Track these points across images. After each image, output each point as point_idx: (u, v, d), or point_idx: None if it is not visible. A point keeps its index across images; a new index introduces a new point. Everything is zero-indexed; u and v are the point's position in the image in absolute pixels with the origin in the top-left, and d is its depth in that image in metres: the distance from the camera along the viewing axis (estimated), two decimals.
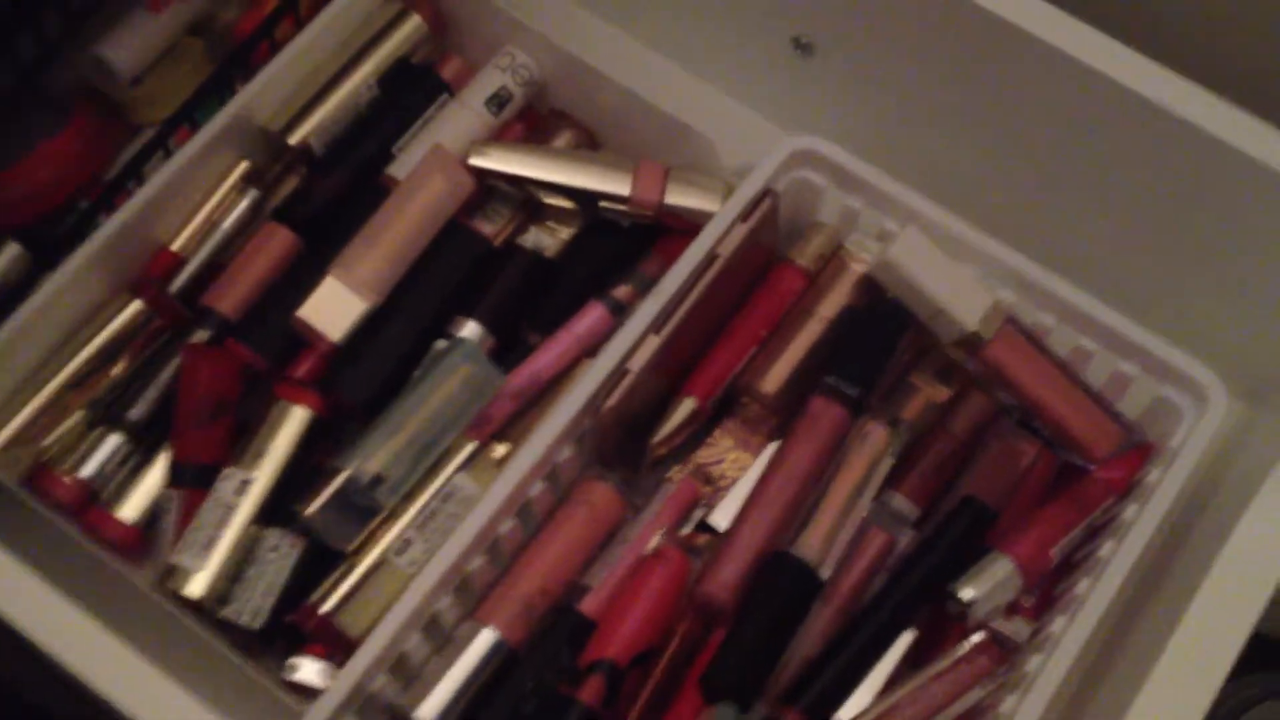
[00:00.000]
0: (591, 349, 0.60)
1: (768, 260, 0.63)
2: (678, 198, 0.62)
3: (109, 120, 0.65)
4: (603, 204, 0.63)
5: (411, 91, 0.66)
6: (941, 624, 0.55)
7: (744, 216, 0.59)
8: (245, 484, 0.56)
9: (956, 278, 0.58)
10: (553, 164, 0.63)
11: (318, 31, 0.64)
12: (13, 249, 0.62)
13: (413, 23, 0.66)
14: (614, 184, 0.63)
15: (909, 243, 0.58)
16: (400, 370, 0.60)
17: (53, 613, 0.48)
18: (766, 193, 0.60)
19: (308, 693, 0.54)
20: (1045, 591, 0.57)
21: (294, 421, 0.58)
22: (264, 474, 0.57)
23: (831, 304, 0.61)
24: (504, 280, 0.62)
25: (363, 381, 0.59)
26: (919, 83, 0.64)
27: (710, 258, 0.58)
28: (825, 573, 0.55)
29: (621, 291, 0.62)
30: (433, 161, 0.62)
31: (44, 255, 0.62)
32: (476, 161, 0.62)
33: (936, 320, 0.59)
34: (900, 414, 0.60)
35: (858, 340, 0.60)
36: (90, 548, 0.57)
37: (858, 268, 0.62)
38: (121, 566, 0.57)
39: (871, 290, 0.61)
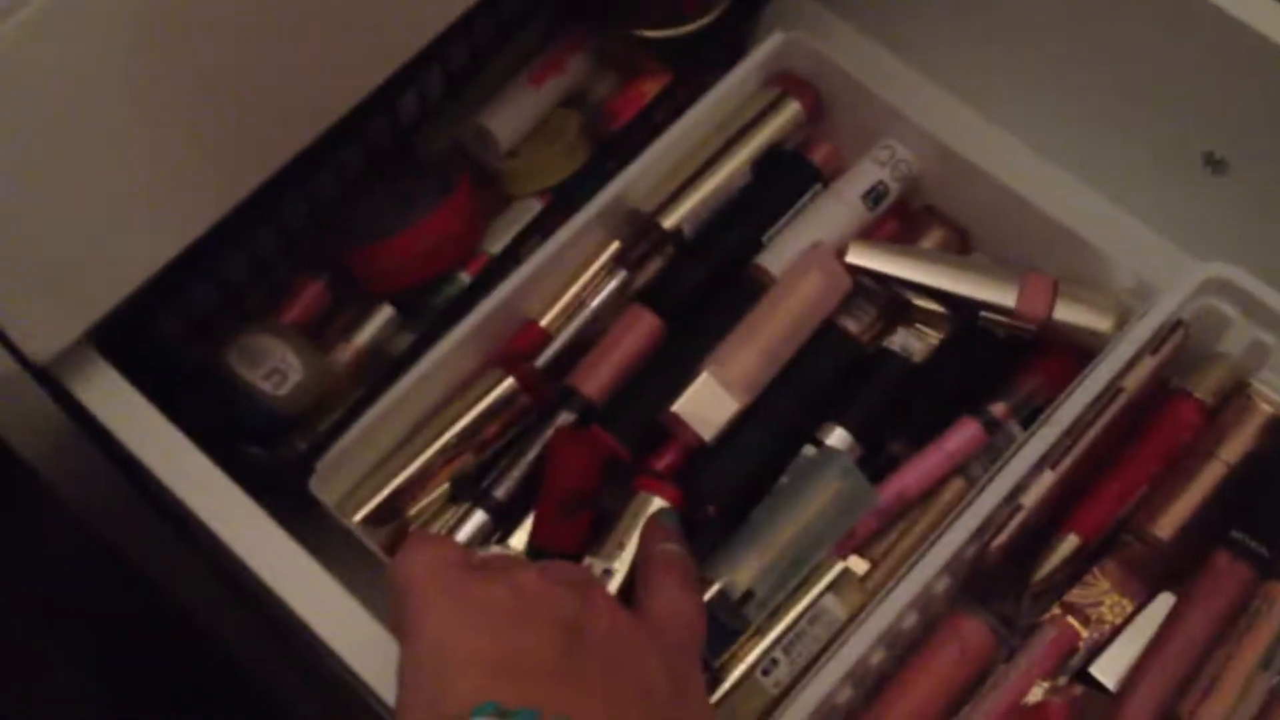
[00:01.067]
0: (961, 467, 0.57)
1: (1163, 389, 0.58)
2: (1066, 314, 0.59)
3: (483, 191, 0.66)
4: (984, 313, 0.60)
5: (785, 179, 0.64)
6: None
7: (1153, 349, 0.55)
8: (607, 574, 0.55)
9: None
10: (935, 268, 0.60)
11: (697, 117, 0.63)
12: (386, 312, 0.63)
13: (791, 109, 0.65)
14: (998, 293, 0.59)
15: None
16: (762, 472, 0.58)
17: None
18: (1178, 324, 0.56)
19: None
20: None
21: None
22: (624, 565, 0.56)
23: (1235, 447, 0.56)
24: (875, 386, 0.60)
25: (725, 482, 0.57)
26: None
27: (1113, 390, 0.54)
28: None
29: (998, 409, 0.58)
30: (812, 259, 0.60)
31: (415, 320, 0.64)
32: (856, 259, 0.60)
33: None
34: None
35: (1266, 492, 0.55)
36: None
37: (1267, 409, 0.56)
38: None
39: (1279, 434, 0.56)
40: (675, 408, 0.57)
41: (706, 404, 0.57)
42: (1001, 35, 0.67)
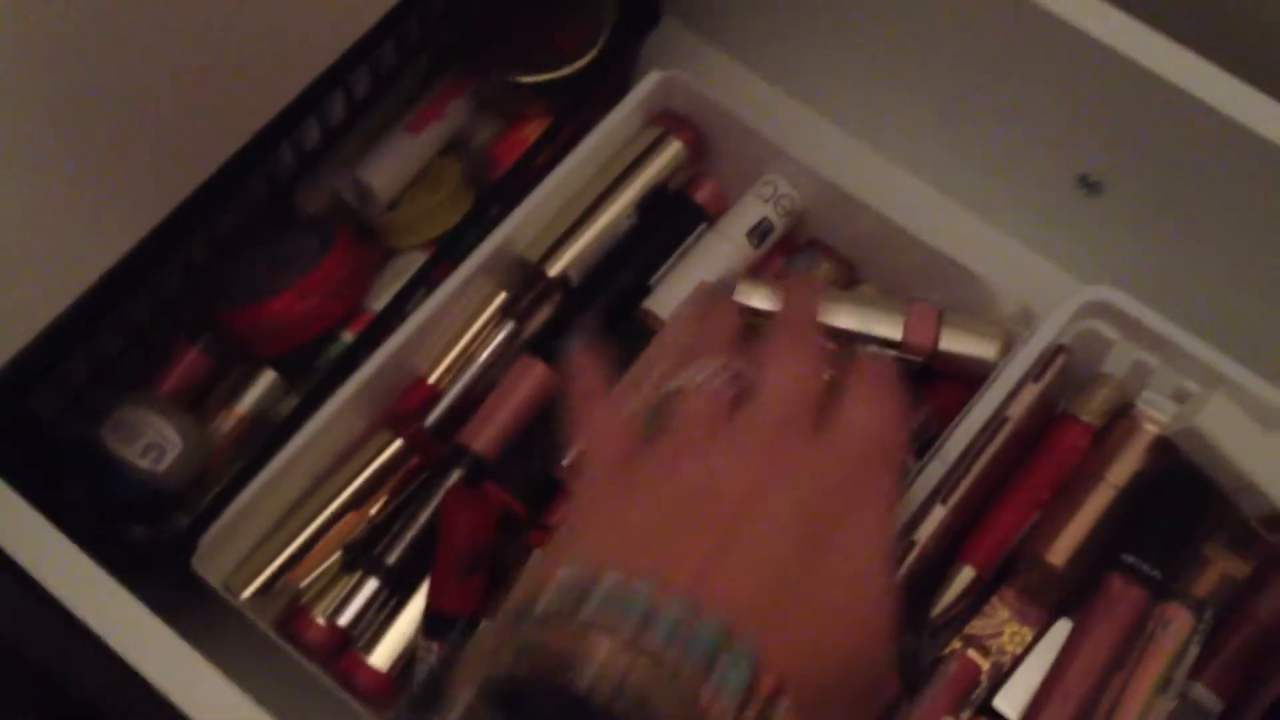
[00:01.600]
0: None
1: (1049, 413, 0.59)
2: (953, 343, 0.59)
3: (364, 245, 0.65)
4: (871, 347, 0.60)
5: (670, 221, 0.64)
6: None
7: (1035, 376, 0.55)
8: None
9: (1268, 449, 0.53)
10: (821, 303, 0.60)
11: (579, 160, 0.63)
12: (268, 376, 0.62)
13: (673, 148, 0.64)
14: (885, 326, 0.59)
15: (1217, 409, 0.54)
16: None
17: None
18: (1059, 349, 0.56)
19: None
20: None
21: None
22: None
23: (1122, 469, 0.56)
24: None
25: None
26: (1220, 227, 0.60)
27: (999, 419, 0.55)
28: None
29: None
30: (697, 301, 0.59)
31: (299, 383, 0.62)
32: (743, 299, 0.60)
33: (1242, 494, 0.54)
34: (1193, 590, 0.55)
35: (1155, 513, 0.55)
36: (337, 693, 0.56)
37: (1151, 429, 0.57)
38: (367, 714, 0.56)
39: (1165, 454, 0.56)
40: (567, 462, 0.56)
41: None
42: (880, 65, 0.68)
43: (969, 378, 0.59)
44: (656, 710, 0.33)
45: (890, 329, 0.59)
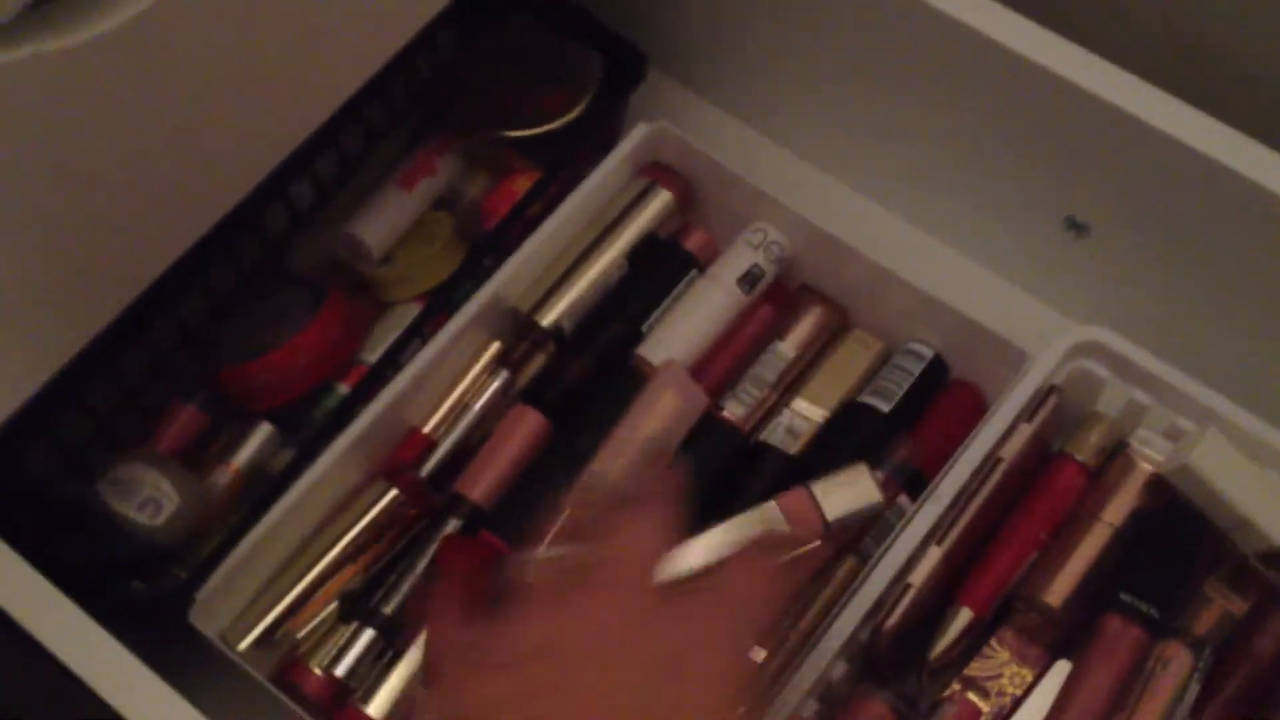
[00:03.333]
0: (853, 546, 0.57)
1: (1044, 453, 0.59)
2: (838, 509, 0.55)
3: (358, 300, 0.65)
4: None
5: (660, 268, 0.65)
6: None
7: (1028, 416, 0.56)
8: None
9: (1263, 486, 0.54)
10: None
11: (569, 211, 0.63)
12: (264, 429, 0.62)
13: (662, 199, 0.65)
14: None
15: (1210, 447, 0.54)
16: None
17: None
18: (1051, 389, 0.56)
19: None
20: None
21: None
22: None
23: (1118, 508, 0.57)
24: (754, 484, 0.59)
25: None
26: (1207, 267, 0.60)
27: (992, 460, 0.55)
28: None
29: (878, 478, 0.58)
30: (667, 378, 0.60)
31: (295, 435, 0.62)
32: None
33: (1239, 531, 0.54)
34: (1192, 628, 0.55)
35: (1152, 552, 0.55)
36: None
37: (1146, 467, 0.57)
38: None
39: (1161, 492, 0.56)
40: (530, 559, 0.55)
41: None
42: (867, 111, 0.69)
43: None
44: None
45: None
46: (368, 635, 0.56)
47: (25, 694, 0.62)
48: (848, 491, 0.52)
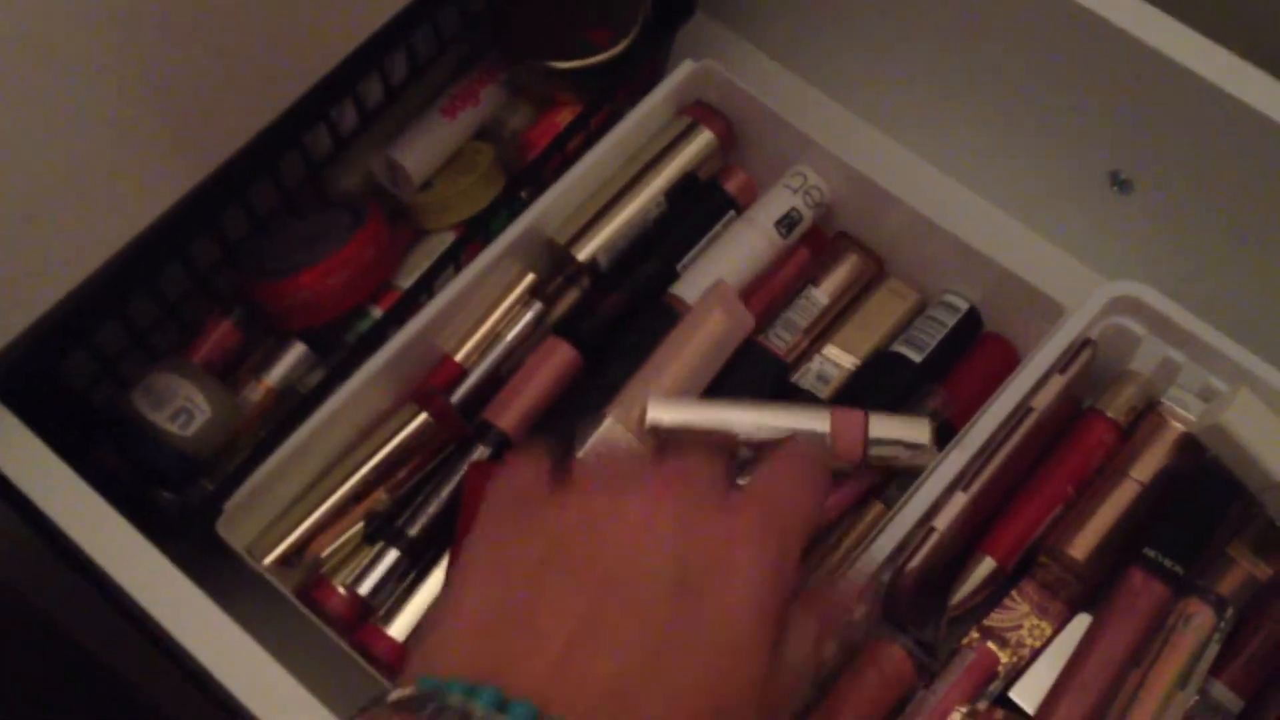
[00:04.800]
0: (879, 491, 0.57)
1: (1075, 409, 0.59)
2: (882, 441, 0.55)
3: (396, 225, 0.65)
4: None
5: (699, 208, 0.64)
6: None
7: (1061, 368, 0.55)
8: None
9: None
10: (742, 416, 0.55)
11: (610, 146, 0.63)
12: (298, 348, 0.62)
13: (704, 138, 0.65)
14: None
15: (1243, 407, 0.53)
16: None
17: None
18: (1086, 343, 0.56)
19: None
20: None
21: None
22: None
23: (1147, 465, 0.56)
24: None
25: None
26: (1250, 225, 0.59)
27: (1024, 410, 0.55)
28: None
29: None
30: (714, 297, 0.60)
31: (328, 356, 0.63)
32: (656, 415, 0.55)
33: (1269, 493, 0.54)
34: (1216, 588, 0.55)
35: (1179, 509, 0.55)
36: (357, 662, 0.56)
37: (1177, 426, 0.57)
38: (388, 684, 0.56)
39: (1191, 451, 0.56)
40: (580, 454, 0.56)
41: (611, 449, 0.56)
42: (911, 61, 0.68)
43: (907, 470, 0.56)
44: None
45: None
46: (392, 556, 0.57)
47: (44, 588, 0.63)
48: (900, 424, 0.53)
